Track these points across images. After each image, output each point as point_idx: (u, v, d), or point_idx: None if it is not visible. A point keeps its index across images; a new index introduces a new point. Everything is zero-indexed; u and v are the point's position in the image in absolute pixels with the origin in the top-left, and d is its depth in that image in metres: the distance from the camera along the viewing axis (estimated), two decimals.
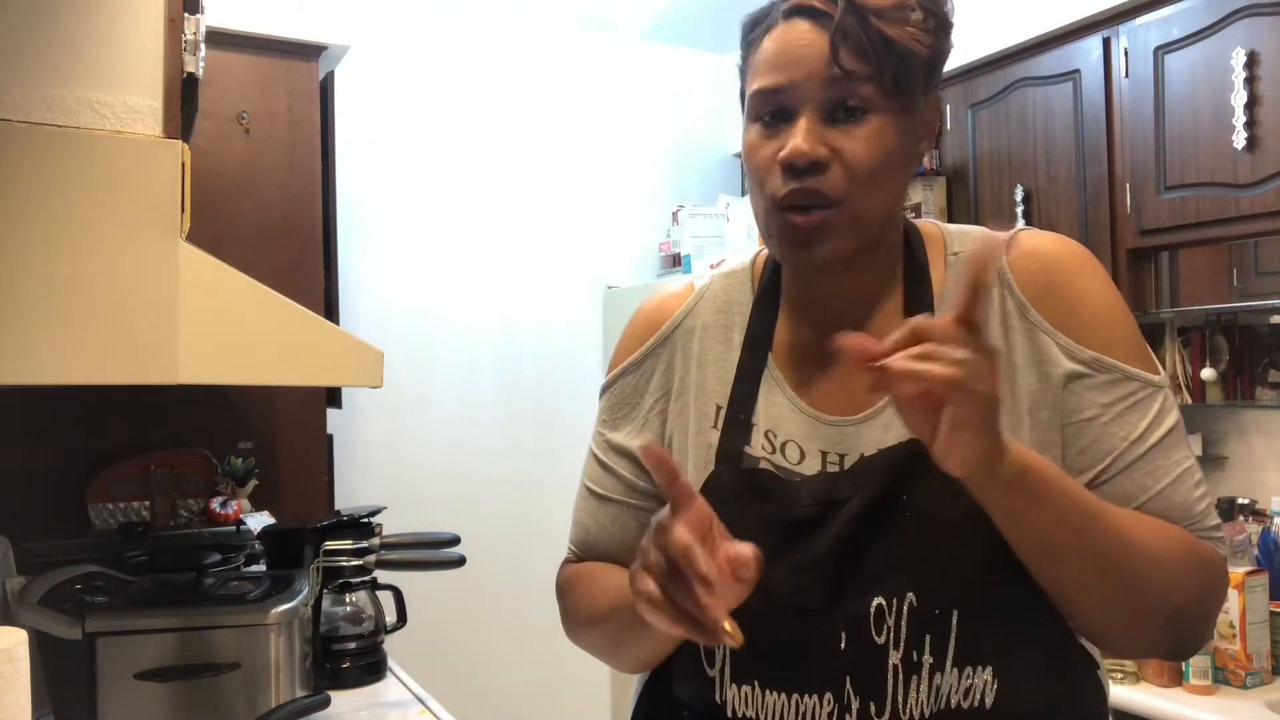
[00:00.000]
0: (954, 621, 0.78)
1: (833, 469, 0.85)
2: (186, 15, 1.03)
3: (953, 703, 0.79)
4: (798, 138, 0.79)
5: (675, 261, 3.26)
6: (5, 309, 0.74)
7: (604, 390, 1.02)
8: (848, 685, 0.80)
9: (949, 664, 0.79)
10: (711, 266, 2.98)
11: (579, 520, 1.04)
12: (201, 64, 1.06)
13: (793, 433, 0.87)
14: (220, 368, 1.06)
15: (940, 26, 0.83)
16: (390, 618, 1.86)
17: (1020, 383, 0.81)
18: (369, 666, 1.76)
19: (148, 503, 1.88)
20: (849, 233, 0.81)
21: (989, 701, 0.78)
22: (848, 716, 0.80)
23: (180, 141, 0.96)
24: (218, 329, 1.03)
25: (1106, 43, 2.19)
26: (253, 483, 1.97)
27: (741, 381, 0.91)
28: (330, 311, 2.22)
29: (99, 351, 0.80)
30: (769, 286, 0.94)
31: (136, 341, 0.87)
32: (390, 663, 1.82)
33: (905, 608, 0.79)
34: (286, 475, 2.09)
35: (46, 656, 1.30)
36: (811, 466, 0.86)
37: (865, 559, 0.81)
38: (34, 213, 0.78)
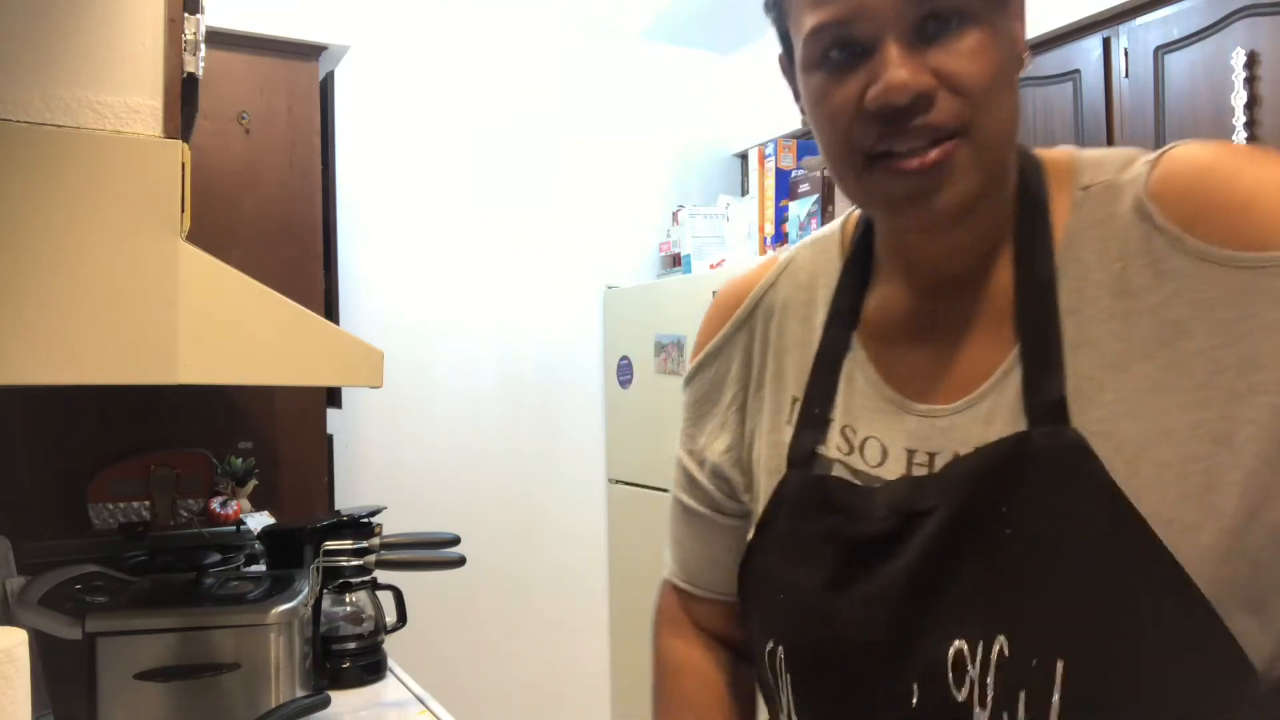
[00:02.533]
0: (1059, 675, 0.60)
1: (919, 471, 0.69)
2: (187, 15, 1.03)
3: None
4: (893, 67, 0.61)
5: (675, 262, 3.26)
6: (5, 309, 0.74)
7: (685, 384, 0.89)
8: None
9: None
10: (711, 267, 2.98)
11: (673, 536, 0.91)
12: (201, 64, 1.06)
13: (875, 427, 0.73)
14: (220, 368, 1.06)
15: None
16: (390, 618, 1.86)
17: (1194, 339, 0.60)
18: (369, 666, 1.76)
19: (148, 502, 1.88)
20: (975, 168, 0.64)
21: None
22: None
23: (180, 141, 0.96)
24: (218, 329, 1.03)
25: (1106, 43, 2.19)
26: (253, 483, 1.97)
27: (820, 368, 0.77)
28: (330, 312, 2.22)
29: (99, 351, 0.80)
30: (859, 251, 0.79)
31: (136, 341, 0.87)
32: (390, 662, 1.81)
33: (994, 655, 0.62)
34: (286, 475, 2.09)
35: (47, 656, 1.30)
36: (894, 469, 0.70)
37: (947, 589, 0.64)
38: (33, 212, 0.78)
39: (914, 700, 0.65)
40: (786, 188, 2.86)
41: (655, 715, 0.89)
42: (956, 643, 0.63)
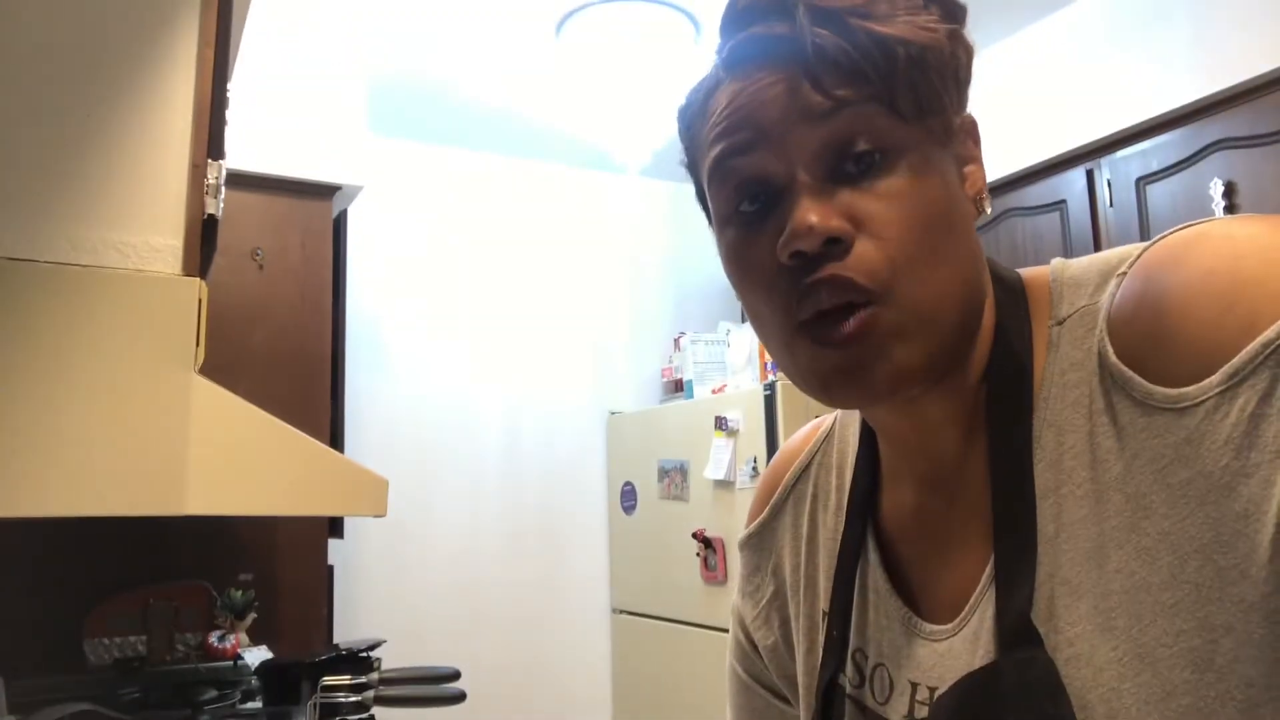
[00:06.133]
0: None
1: (920, 712, 0.60)
2: (210, 161, 1.09)
3: None
4: (801, 210, 0.53)
5: (678, 387, 3.29)
6: (21, 443, 0.76)
7: (740, 548, 0.80)
8: None
9: None
10: (714, 391, 3.01)
11: (731, 702, 0.82)
12: (221, 205, 1.11)
13: (883, 652, 0.64)
14: (227, 499, 1.07)
15: (947, 13, 0.56)
16: None
17: (1156, 517, 0.50)
18: None
19: (144, 637, 1.84)
20: (909, 336, 0.53)
21: None
22: None
23: (199, 279, 1.00)
24: (226, 460, 1.04)
25: (1090, 174, 2.28)
26: (252, 615, 1.94)
27: (840, 576, 0.67)
28: (336, 440, 2.23)
29: (109, 483, 0.81)
30: (869, 432, 0.68)
31: (146, 473, 0.88)
32: None
33: None
34: (286, 606, 2.06)
35: None
36: (898, 709, 0.62)
37: None
38: (54, 349, 0.80)
39: None
40: None
41: None
42: None
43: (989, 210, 0.60)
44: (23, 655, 1.68)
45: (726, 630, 0.79)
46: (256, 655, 1.87)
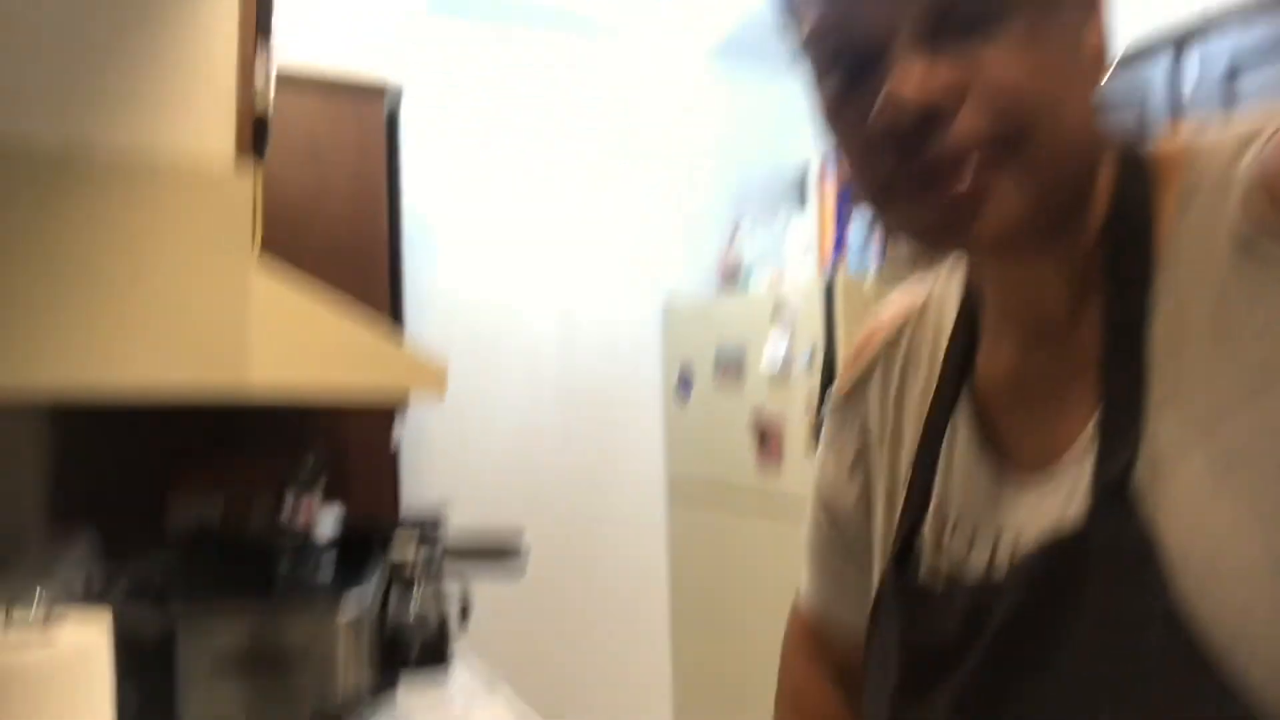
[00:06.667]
0: None
1: (1000, 566, 0.59)
2: (261, 52, 1.12)
3: None
4: (896, 78, 0.50)
5: (736, 275, 3.29)
6: (93, 326, 0.82)
7: (827, 412, 0.80)
8: None
9: None
10: (771, 281, 3.01)
11: (807, 558, 0.83)
12: (273, 100, 1.15)
13: (967, 507, 0.63)
14: (290, 381, 1.14)
15: None
16: (455, 615, 1.93)
17: None
18: (436, 658, 1.83)
19: (222, 505, 1.98)
20: (1023, 191, 0.51)
21: None
22: None
23: (253, 174, 1.05)
24: (288, 343, 1.11)
25: (1173, 64, 2.14)
26: (322, 488, 2.06)
27: (929, 433, 0.67)
28: (396, 325, 2.31)
29: (176, 365, 0.88)
30: (973, 286, 0.67)
31: (211, 355, 0.94)
32: (456, 656, 1.88)
33: None
34: (355, 480, 2.18)
35: (130, 644, 1.40)
36: (977, 561, 0.61)
37: (995, 714, 0.56)
38: (115, 244, 0.86)
39: None
40: (848, 200, 2.87)
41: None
42: None
43: (1108, 66, 0.56)
44: (112, 516, 1.83)
45: (779, 518, 0.81)
46: (328, 523, 2.00)
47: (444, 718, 1.60)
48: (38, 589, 0.82)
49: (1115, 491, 0.52)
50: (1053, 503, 0.56)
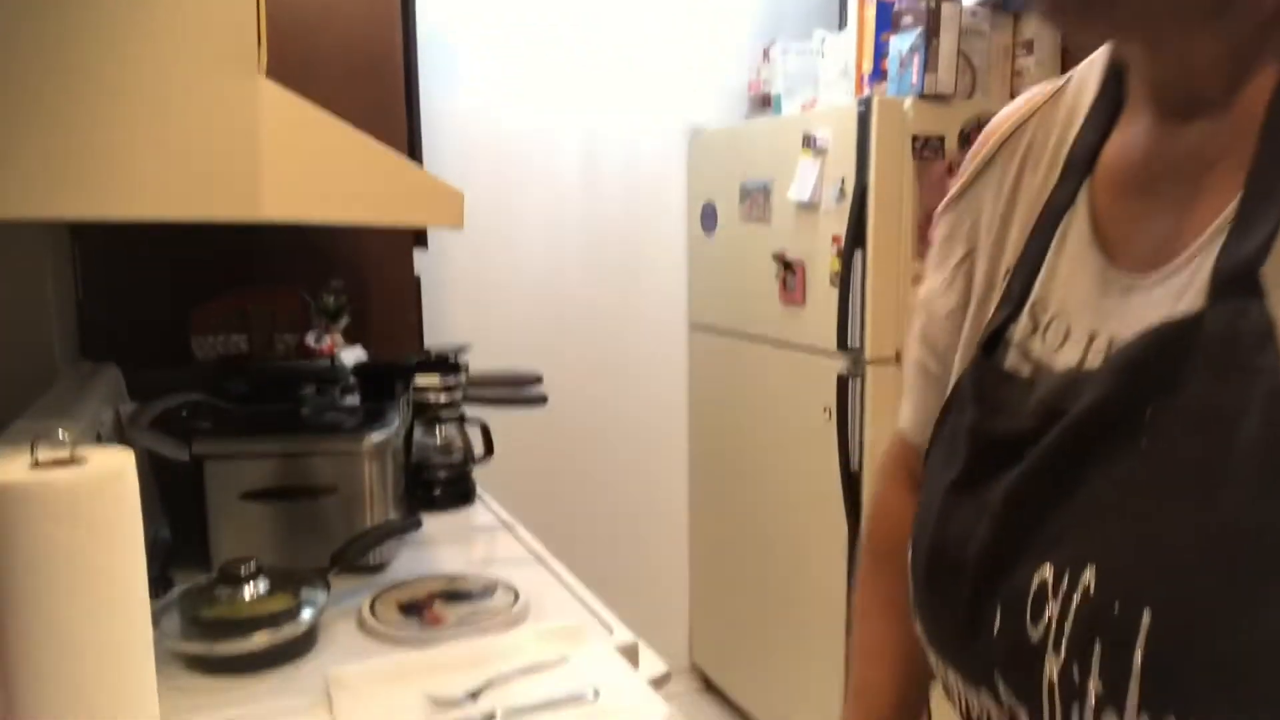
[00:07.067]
0: (1143, 629, 0.45)
1: (1094, 359, 0.56)
2: None
3: None
4: None
5: (765, 102, 3.13)
6: (95, 143, 0.76)
7: (936, 217, 0.77)
8: (1000, 687, 0.54)
9: (1131, 703, 0.45)
10: (804, 108, 2.86)
11: (906, 382, 0.80)
12: None
13: (1067, 304, 0.60)
14: (303, 205, 1.08)
15: None
16: (478, 449, 1.94)
17: None
18: (459, 493, 1.85)
19: (246, 336, 1.96)
20: None
21: None
22: None
23: None
24: (300, 165, 1.04)
25: None
26: (345, 319, 2.03)
27: (1038, 231, 0.64)
28: (413, 152, 2.22)
29: (184, 186, 0.82)
30: (1113, 79, 0.63)
31: (220, 176, 0.88)
32: (478, 490, 1.91)
33: (1078, 590, 0.48)
34: (377, 313, 2.15)
35: (159, 476, 1.40)
36: (1070, 355, 0.58)
37: (1058, 504, 0.52)
38: (113, 54, 0.79)
39: (995, 628, 0.54)
40: (888, 20, 2.68)
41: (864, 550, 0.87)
42: (1044, 568, 0.51)
43: None
44: (137, 350, 1.81)
45: (801, 350, 0.77)
46: (352, 356, 1.98)
47: (467, 552, 1.62)
48: (64, 425, 0.79)
49: (1238, 278, 0.47)
50: (1161, 299, 0.53)
